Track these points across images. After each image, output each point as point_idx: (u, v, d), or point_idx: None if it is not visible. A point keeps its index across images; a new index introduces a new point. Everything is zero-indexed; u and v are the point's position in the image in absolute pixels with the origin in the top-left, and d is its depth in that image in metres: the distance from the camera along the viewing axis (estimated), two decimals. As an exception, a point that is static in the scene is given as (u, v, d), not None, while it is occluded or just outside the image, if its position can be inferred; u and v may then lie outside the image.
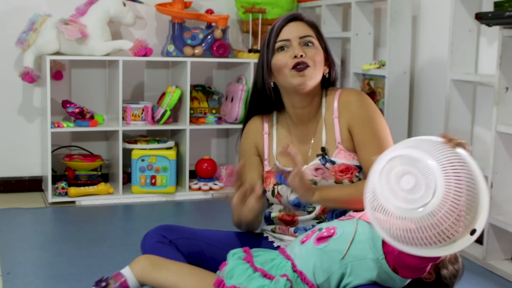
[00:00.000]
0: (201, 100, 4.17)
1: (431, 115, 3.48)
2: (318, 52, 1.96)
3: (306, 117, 2.02)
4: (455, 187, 1.47)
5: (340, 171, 1.94)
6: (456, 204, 1.47)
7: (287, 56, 1.94)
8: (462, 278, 2.34)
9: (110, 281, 1.84)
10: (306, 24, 2.00)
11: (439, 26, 3.40)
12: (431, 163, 1.49)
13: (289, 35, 1.96)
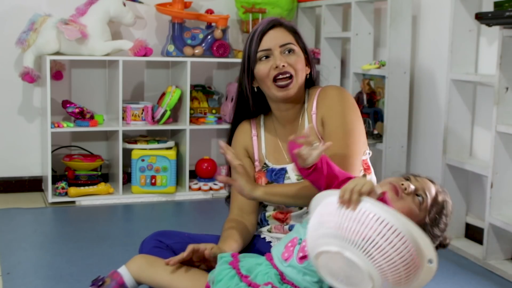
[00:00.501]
0: (201, 100, 4.17)
1: (431, 115, 3.48)
2: (299, 58, 1.99)
3: (291, 117, 2.05)
4: (385, 259, 1.47)
5: None
6: (395, 267, 1.47)
7: (269, 66, 1.96)
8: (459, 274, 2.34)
9: (106, 279, 1.84)
10: (285, 30, 2.02)
11: (439, 26, 3.40)
12: (350, 254, 1.48)
13: (270, 43, 1.97)
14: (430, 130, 3.49)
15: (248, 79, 2.02)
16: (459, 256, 2.99)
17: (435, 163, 3.40)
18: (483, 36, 3.13)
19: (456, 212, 3.21)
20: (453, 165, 3.13)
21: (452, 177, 3.16)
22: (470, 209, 3.23)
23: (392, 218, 1.49)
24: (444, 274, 2.75)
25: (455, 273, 2.77)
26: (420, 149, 3.58)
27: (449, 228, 1.78)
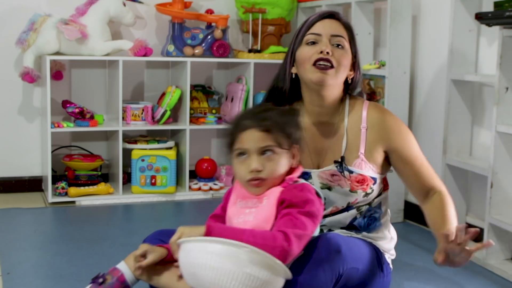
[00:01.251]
0: (201, 100, 4.17)
1: (431, 115, 3.48)
2: (346, 55, 1.89)
3: (324, 117, 1.96)
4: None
5: (357, 181, 1.91)
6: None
7: (313, 50, 1.87)
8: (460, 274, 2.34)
9: (107, 276, 1.84)
10: (341, 24, 1.93)
11: (439, 26, 3.40)
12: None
13: (321, 30, 1.89)
14: (430, 130, 3.49)
15: (290, 61, 1.94)
16: (459, 256, 2.99)
17: (435, 163, 3.39)
18: (483, 36, 3.13)
19: (456, 212, 3.20)
20: (453, 165, 3.13)
21: (452, 177, 3.16)
22: (470, 209, 3.23)
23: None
24: (444, 274, 2.75)
25: (455, 273, 2.77)
26: (420, 149, 3.57)
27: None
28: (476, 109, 3.18)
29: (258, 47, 4.15)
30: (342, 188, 1.92)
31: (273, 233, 1.64)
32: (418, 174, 1.99)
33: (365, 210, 1.97)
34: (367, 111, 1.95)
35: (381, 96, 3.62)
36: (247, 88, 4.04)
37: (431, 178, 2.00)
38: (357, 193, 1.92)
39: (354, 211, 1.96)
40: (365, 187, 1.92)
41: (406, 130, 2.01)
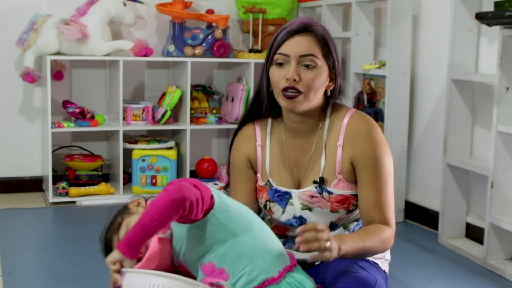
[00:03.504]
0: (201, 100, 4.17)
1: (431, 115, 3.48)
2: (317, 76, 1.77)
3: (303, 133, 1.87)
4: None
5: (337, 201, 1.83)
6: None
7: (281, 75, 1.78)
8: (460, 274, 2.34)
9: None
10: (314, 38, 1.79)
11: (439, 26, 3.40)
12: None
13: (290, 50, 1.78)
14: (430, 130, 3.49)
15: (266, 79, 1.87)
16: (460, 256, 2.99)
17: (435, 163, 3.40)
18: (483, 36, 3.13)
19: (457, 212, 3.21)
20: (454, 165, 3.13)
21: (452, 177, 3.16)
22: (471, 209, 3.23)
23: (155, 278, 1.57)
24: (444, 274, 2.75)
25: (455, 273, 2.78)
26: (420, 149, 3.58)
27: None
28: (476, 109, 3.18)
29: (259, 47, 4.15)
30: (322, 209, 1.84)
31: (164, 193, 1.62)
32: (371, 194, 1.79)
33: (353, 226, 1.91)
34: (347, 124, 1.83)
35: (381, 96, 3.62)
36: (248, 88, 4.04)
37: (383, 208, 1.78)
38: (339, 212, 1.85)
39: (341, 229, 1.90)
40: (347, 205, 1.84)
41: (379, 145, 1.82)
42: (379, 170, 1.79)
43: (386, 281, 1.91)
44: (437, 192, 3.34)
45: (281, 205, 1.87)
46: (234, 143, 1.97)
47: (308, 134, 1.87)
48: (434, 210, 3.38)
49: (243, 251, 1.64)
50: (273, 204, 1.89)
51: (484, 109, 3.12)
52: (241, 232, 1.66)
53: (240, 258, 1.64)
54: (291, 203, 1.86)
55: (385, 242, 1.76)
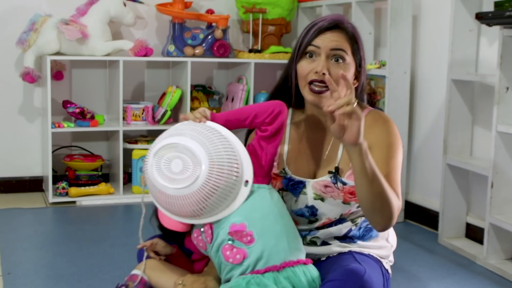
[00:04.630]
0: (201, 100, 4.17)
1: (431, 115, 3.48)
2: (345, 71, 1.80)
3: (323, 125, 1.92)
4: (215, 153, 1.67)
5: (350, 193, 1.86)
6: (221, 165, 1.67)
7: (310, 67, 1.83)
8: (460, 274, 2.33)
9: (128, 283, 1.85)
10: (345, 35, 1.85)
11: (439, 26, 3.40)
12: (188, 142, 1.68)
13: (321, 42, 1.83)
14: (430, 130, 3.49)
15: (294, 68, 1.89)
16: (460, 256, 3.00)
17: (435, 163, 3.40)
18: (483, 36, 3.13)
19: (457, 212, 3.21)
20: (454, 165, 3.13)
21: (452, 177, 3.16)
22: (471, 209, 3.23)
23: (228, 133, 1.77)
24: (444, 274, 2.75)
25: (455, 272, 2.78)
26: (420, 149, 3.58)
27: None
28: (476, 109, 3.18)
29: (259, 47, 4.15)
30: (334, 200, 1.87)
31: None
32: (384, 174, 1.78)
33: (361, 221, 1.93)
34: (365, 119, 1.84)
35: (381, 96, 3.62)
36: (248, 88, 4.04)
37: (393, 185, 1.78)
38: (350, 204, 1.88)
39: (349, 223, 1.92)
40: None
41: (394, 136, 1.87)
42: (391, 155, 1.83)
43: (388, 281, 1.92)
44: (437, 192, 3.34)
45: (294, 194, 1.90)
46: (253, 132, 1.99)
47: (327, 126, 1.87)
48: (434, 210, 3.38)
49: (276, 228, 1.72)
50: (285, 193, 1.92)
51: (484, 109, 3.11)
52: (281, 211, 1.77)
53: (272, 231, 1.71)
54: (304, 193, 1.89)
55: (393, 202, 1.72)
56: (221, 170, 1.67)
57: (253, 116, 1.78)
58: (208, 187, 1.65)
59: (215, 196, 1.66)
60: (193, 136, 1.69)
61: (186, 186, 1.65)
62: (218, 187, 1.66)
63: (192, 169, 1.65)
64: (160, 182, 1.67)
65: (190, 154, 1.66)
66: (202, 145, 1.67)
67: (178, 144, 1.68)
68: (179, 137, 1.70)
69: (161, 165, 1.68)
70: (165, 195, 1.68)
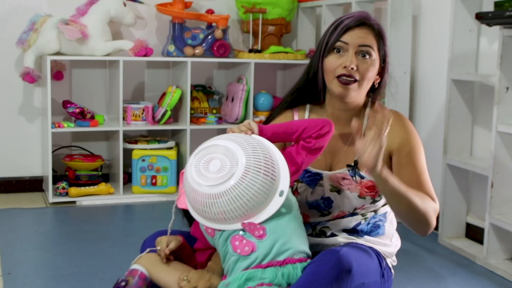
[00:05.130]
0: (201, 100, 4.17)
1: (431, 115, 3.48)
2: (371, 67, 1.88)
3: (343, 121, 1.95)
4: (254, 157, 1.67)
5: (367, 187, 1.90)
6: (257, 170, 1.66)
7: (339, 62, 1.87)
8: (460, 274, 2.33)
9: (128, 278, 1.85)
10: (372, 32, 1.90)
11: (439, 26, 3.40)
12: (229, 144, 1.69)
13: (349, 39, 1.87)
14: (430, 130, 3.49)
15: (320, 63, 1.93)
16: (460, 256, 3.00)
17: (435, 163, 3.40)
18: (483, 36, 3.13)
19: (457, 212, 3.21)
20: (454, 165, 3.13)
21: (452, 177, 3.16)
22: (471, 209, 3.23)
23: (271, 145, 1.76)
24: (444, 274, 2.75)
25: (455, 272, 2.78)
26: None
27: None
28: (476, 109, 3.18)
29: (259, 47, 4.15)
30: (351, 193, 1.91)
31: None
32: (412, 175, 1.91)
33: (370, 217, 1.96)
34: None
35: (381, 96, 3.62)
36: (248, 88, 4.04)
37: (427, 187, 1.90)
38: (365, 199, 1.91)
39: (359, 217, 1.96)
40: (374, 194, 1.91)
41: (416, 136, 1.96)
42: (416, 159, 1.93)
43: (389, 279, 1.94)
44: (437, 192, 3.32)
45: (310, 186, 1.94)
46: (274, 121, 2.03)
47: (348, 122, 1.93)
48: (434, 210, 3.38)
49: (288, 228, 1.73)
50: (301, 184, 1.96)
51: (484, 109, 3.12)
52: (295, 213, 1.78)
53: (284, 230, 1.72)
54: (320, 184, 1.93)
55: (428, 210, 1.81)
56: (257, 174, 1.66)
57: (301, 130, 1.79)
58: (240, 187, 1.64)
59: (246, 198, 1.65)
60: (235, 140, 1.71)
61: (218, 184, 1.65)
62: (250, 188, 1.65)
63: (228, 168, 1.65)
64: (196, 179, 1.67)
65: (229, 154, 1.67)
66: (243, 148, 1.68)
67: (219, 146, 1.70)
68: (222, 140, 1.71)
69: (200, 164, 1.69)
70: (198, 194, 1.68)
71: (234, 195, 1.64)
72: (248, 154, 1.67)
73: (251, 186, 1.65)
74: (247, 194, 1.65)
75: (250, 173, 1.65)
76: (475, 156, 3.19)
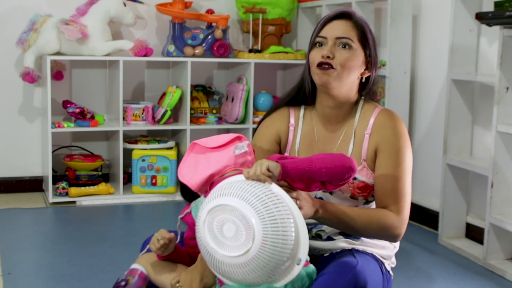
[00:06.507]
0: (201, 100, 4.17)
1: (431, 115, 3.48)
2: (352, 56, 1.88)
3: (334, 119, 1.96)
4: (272, 229, 1.55)
5: (358, 188, 1.90)
6: (275, 244, 1.55)
7: (319, 54, 1.89)
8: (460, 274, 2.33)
9: (128, 278, 1.85)
10: (352, 24, 1.91)
11: (439, 25, 3.40)
12: (244, 208, 1.56)
13: (327, 33, 1.90)
14: (430, 130, 3.49)
15: (307, 64, 1.96)
16: (460, 256, 3.00)
17: (435, 163, 3.40)
18: (483, 36, 3.13)
19: (457, 212, 3.21)
20: (454, 165, 3.13)
21: (452, 177, 3.16)
22: (471, 209, 3.23)
23: (291, 202, 1.61)
24: (444, 274, 2.75)
25: (455, 273, 2.78)
26: (420, 149, 3.58)
27: None
28: (476, 109, 3.18)
29: (259, 47, 4.15)
30: (343, 194, 1.91)
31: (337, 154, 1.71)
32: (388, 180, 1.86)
33: None
34: (376, 117, 1.93)
35: (381, 96, 3.62)
36: (248, 88, 4.04)
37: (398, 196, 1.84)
38: (357, 200, 1.91)
39: None
40: (366, 194, 1.91)
41: (403, 139, 1.91)
42: (400, 160, 1.88)
43: (388, 282, 1.93)
44: (437, 192, 3.34)
45: None
46: (268, 118, 2.05)
47: (338, 121, 1.96)
48: (434, 210, 3.38)
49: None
50: None
51: (484, 109, 3.12)
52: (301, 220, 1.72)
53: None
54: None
55: (386, 228, 1.82)
56: (274, 248, 1.55)
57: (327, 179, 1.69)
58: (255, 263, 1.56)
59: (261, 272, 1.57)
60: (252, 202, 1.56)
61: (234, 256, 1.57)
62: (266, 264, 1.56)
63: (244, 239, 1.55)
64: (210, 244, 1.59)
65: (245, 223, 1.55)
66: (260, 215, 1.55)
67: (235, 208, 1.56)
68: (238, 200, 1.57)
69: (213, 225, 1.59)
70: (213, 258, 1.61)
71: (248, 269, 1.57)
72: (265, 225, 1.54)
73: (266, 262, 1.56)
74: (261, 269, 1.57)
75: (267, 248, 1.55)
76: (475, 156, 3.18)
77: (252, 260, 1.55)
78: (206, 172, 1.77)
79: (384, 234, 1.84)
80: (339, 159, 1.67)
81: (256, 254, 1.55)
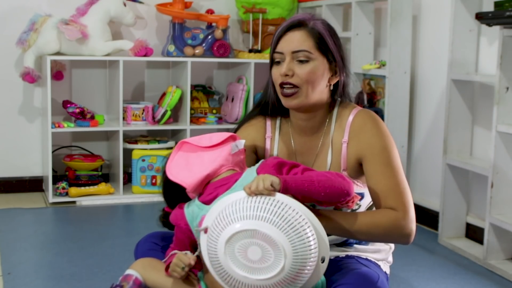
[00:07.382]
0: (201, 100, 4.17)
1: (431, 115, 3.48)
2: (313, 69, 1.78)
3: (309, 130, 1.88)
4: (297, 239, 1.51)
5: None
6: (305, 251, 1.52)
7: (278, 72, 1.81)
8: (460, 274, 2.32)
9: (123, 283, 1.84)
10: (307, 33, 1.79)
11: (439, 26, 3.40)
12: (267, 229, 1.50)
13: (283, 48, 1.80)
14: (430, 130, 3.49)
15: (270, 78, 1.88)
16: (460, 256, 3.00)
17: (435, 163, 3.40)
18: (483, 36, 3.13)
19: (457, 212, 3.21)
20: (454, 165, 3.13)
21: (452, 177, 3.16)
22: (471, 209, 3.23)
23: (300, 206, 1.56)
24: (444, 274, 2.75)
25: (455, 273, 2.78)
26: (420, 149, 3.58)
27: None
28: (476, 109, 3.18)
29: (259, 47, 4.15)
30: (326, 207, 1.82)
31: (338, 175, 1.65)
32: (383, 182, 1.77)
33: None
34: (352, 121, 1.84)
35: (381, 96, 3.63)
36: (248, 88, 4.04)
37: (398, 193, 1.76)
38: (342, 210, 1.83)
39: None
40: (350, 204, 1.80)
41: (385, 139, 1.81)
42: (389, 159, 1.78)
43: (387, 282, 1.92)
44: (437, 192, 3.34)
45: None
46: (242, 127, 1.98)
47: (314, 131, 1.88)
48: (434, 210, 3.38)
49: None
50: None
51: (484, 109, 3.12)
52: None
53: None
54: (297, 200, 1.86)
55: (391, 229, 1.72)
56: (305, 256, 1.52)
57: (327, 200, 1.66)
58: (291, 276, 1.53)
59: (297, 282, 1.55)
60: (269, 219, 1.51)
61: (270, 277, 1.52)
62: (301, 274, 1.54)
63: (273, 258, 1.51)
64: (239, 273, 1.54)
65: (270, 241, 1.50)
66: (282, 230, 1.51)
67: (255, 231, 1.51)
68: (254, 222, 1.52)
69: (235, 253, 1.53)
70: (243, 284, 1.56)
71: (285, 283, 1.54)
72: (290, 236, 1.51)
73: (301, 270, 1.53)
74: (297, 277, 1.54)
75: (299, 258, 1.52)
76: (475, 156, 3.19)
77: (287, 275, 1.52)
78: (202, 172, 1.72)
79: (393, 235, 1.74)
80: (339, 183, 1.62)
81: (291, 268, 1.51)
